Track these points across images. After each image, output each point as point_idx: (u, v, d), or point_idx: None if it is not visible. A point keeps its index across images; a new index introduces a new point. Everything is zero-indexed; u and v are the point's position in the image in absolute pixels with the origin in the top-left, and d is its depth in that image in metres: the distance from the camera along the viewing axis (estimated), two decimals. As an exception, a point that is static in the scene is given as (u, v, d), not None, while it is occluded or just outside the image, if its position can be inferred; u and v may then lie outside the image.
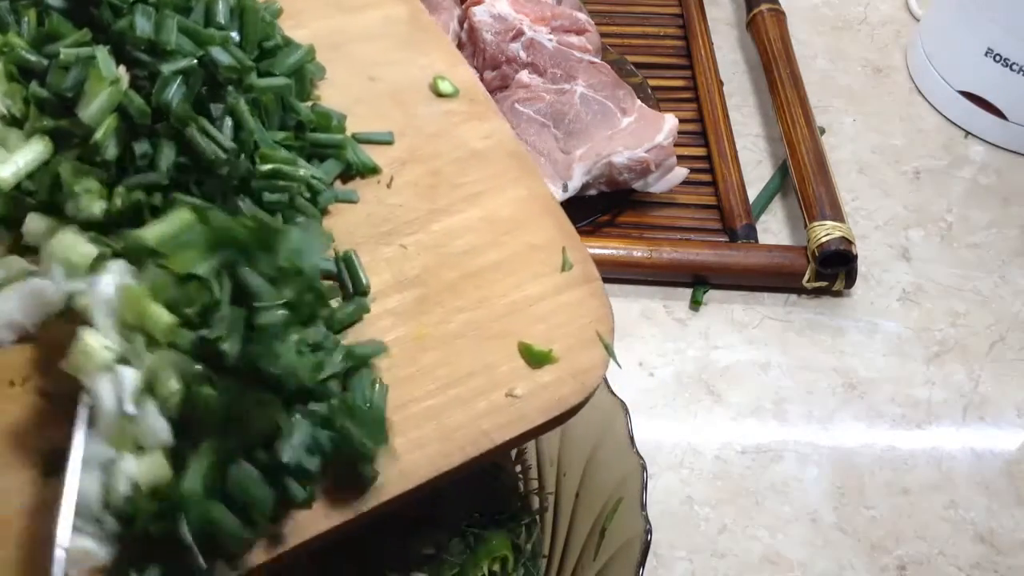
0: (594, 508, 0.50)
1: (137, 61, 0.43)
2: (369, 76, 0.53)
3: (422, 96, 0.53)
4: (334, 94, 0.51)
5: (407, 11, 0.57)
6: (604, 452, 0.51)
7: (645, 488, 0.46)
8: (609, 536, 0.48)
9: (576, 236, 0.50)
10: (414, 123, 0.51)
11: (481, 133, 0.52)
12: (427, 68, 0.54)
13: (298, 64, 0.48)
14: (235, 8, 0.46)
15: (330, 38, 0.53)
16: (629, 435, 0.49)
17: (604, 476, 0.50)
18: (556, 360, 0.45)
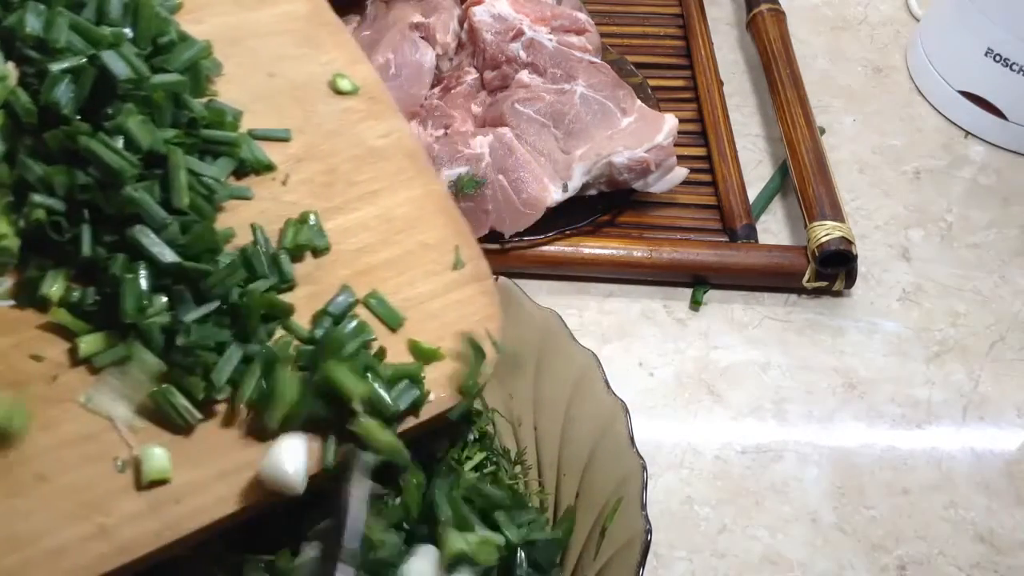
0: (594, 508, 0.50)
1: (27, 58, 0.42)
2: (268, 72, 0.52)
3: (321, 93, 0.52)
4: (232, 90, 0.50)
5: (308, 7, 0.56)
6: (604, 452, 0.51)
7: (645, 488, 0.46)
8: (609, 536, 0.48)
9: (470, 234, 0.50)
10: (312, 120, 0.51)
11: (379, 132, 0.52)
12: (328, 65, 0.54)
13: (193, 60, 0.47)
14: (129, 4, 0.46)
15: (229, 33, 0.52)
16: (629, 435, 0.49)
17: (604, 476, 0.50)
18: (444, 357, 0.45)
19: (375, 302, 0.46)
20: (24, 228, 0.41)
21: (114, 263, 0.41)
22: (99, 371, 0.41)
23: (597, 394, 0.52)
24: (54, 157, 0.42)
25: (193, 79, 0.47)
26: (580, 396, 0.53)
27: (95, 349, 0.41)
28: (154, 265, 0.41)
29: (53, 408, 0.40)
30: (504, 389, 0.58)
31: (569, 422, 0.54)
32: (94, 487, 0.39)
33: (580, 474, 0.52)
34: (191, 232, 0.42)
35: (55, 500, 0.38)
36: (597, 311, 0.73)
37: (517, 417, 0.57)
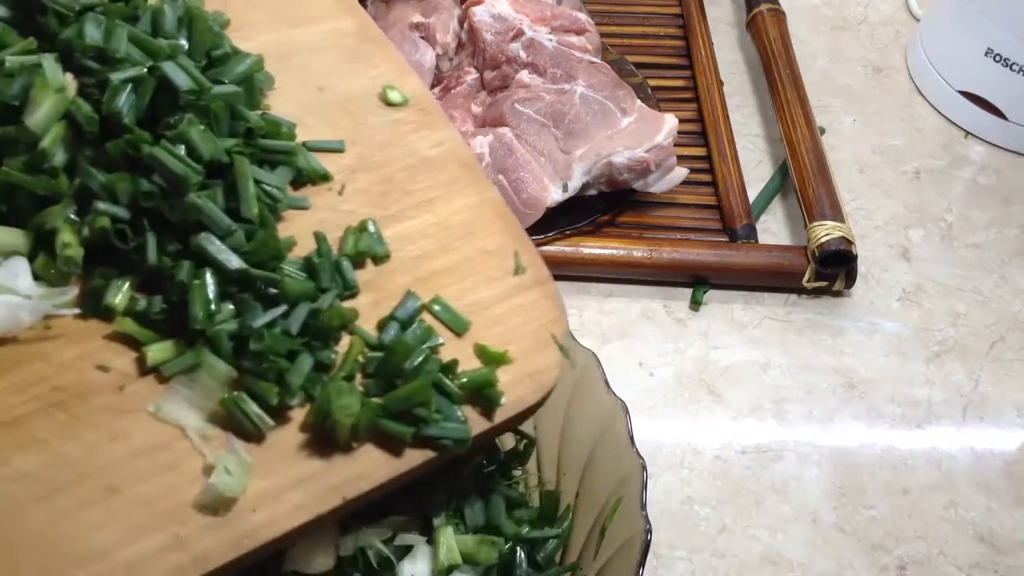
0: (594, 508, 0.50)
1: (86, 69, 0.43)
2: (318, 87, 0.52)
3: (372, 106, 0.53)
4: (284, 104, 0.50)
5: (355, 23, 0.56)
6: (604, 452, 0.51)
7: (645, 488, 0.46)
8: (609, 536, 0.48)
9: (528, 240, 0.50)
10: (364, 132, 0.51)
11: (432, 141, 0.52)
12: (376, 78, 0.54)
13: (247, 73, 0.47)
14: (183, 17, 0.46)
15: (278, 50, 0.53)
16: (629, 435, 0.49)
17: (604, 476, 0.50)
18: (511, 361, 0.45)
19: (439, 308, 0.46)
20: (88, 237, 0.41)
21: (180, 270, 0.40)
22: (168, 380, 0.40)
23: (597, 394, 0.52)
24: (116, 166, 0.42)
25: (248, 91, 0.47)
26: (580, 396, 0.53)
27: (163, 357, 0.40)
28: (220, 272, 0.41)
29: (122, 419, 0.39)
30: None
31: (569, 422, 0.54)
32: (168, 497, 0.38)
33: (580, 474, 0.52)
34: (255, 239, 0.42)
35: (128, 511, 0.38)
36: (597, 311, 0.73)
37: None
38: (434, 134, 0.52)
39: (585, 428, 0.52)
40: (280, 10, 0.55)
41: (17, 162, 0.41)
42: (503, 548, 0.49)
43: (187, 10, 0.46)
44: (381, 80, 0.54)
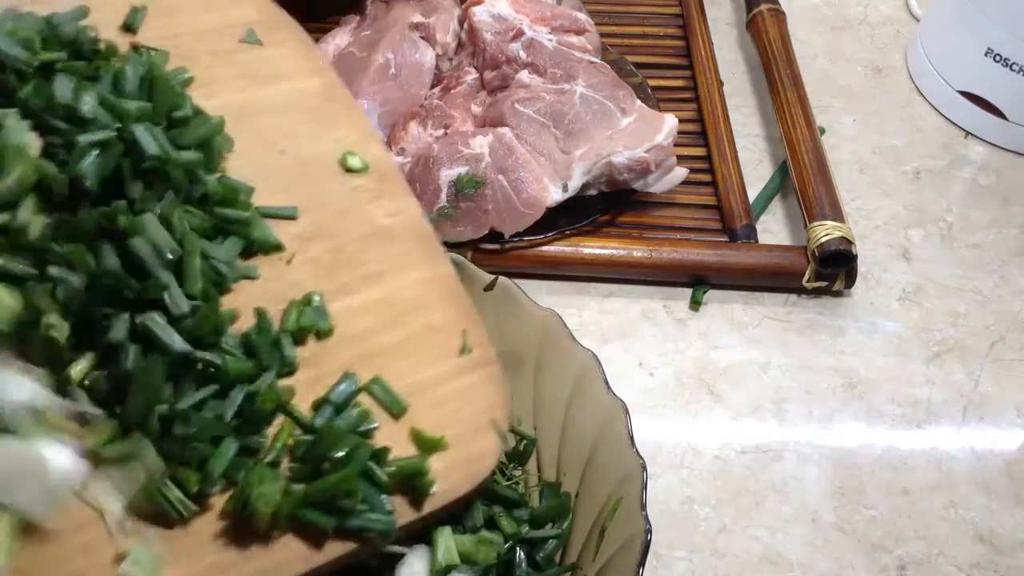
0: (594, 508, 0.50)
1: (51, 128, 0.42)
2: (279, 149, 0.51)
3: (330, 171, 0.51)
4: (243, 166, 0.49)
5: (321, 84, 0.55)
6: (604, 452, 0.51)
7: (645, 488, 0.46)
8: (609, 536, 0.48)
9: (478, 318, 0.49)
10: (321, 198, 0.50)
11: (388, 211, 0.51)
12: (339, 142, 0.53)
13: (207, 136, 0.47)
14: (145, 77, 0.45)
15: (241, 109, 0.51)
16: (629, 435, 0.49)
17: (604, 476, 0.50)
18: (447, 447, 0.44)
19: (378, 388, 0.45)
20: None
21: (127, 355, 0.39)
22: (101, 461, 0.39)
23: (597, 394, 0.52)
24: (79, 235, 0.41)
25: (207, 155, 0.46)
26: (580, 396, 0.53)
27: (102, 440, 0.39)
28: (164, 353, 0.40)
29: None
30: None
31: (569, 422, 0.54)
32: None
33: (580, 474, 0.52)
34: (196, 315, 0.41)
35: None
36: (597, 311, 0.73)
37: (517, 417, 0.57)
38: (392, 203, 0.51)
39: (585, 428, 0.52)
40: (247, 67, 0.54)
41: None
42: (502, 548, 0.49)
43: (149, 70, 0.46)
44: (344, 144, 0.52)
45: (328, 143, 0.53)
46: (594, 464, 0.51)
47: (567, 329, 0.54)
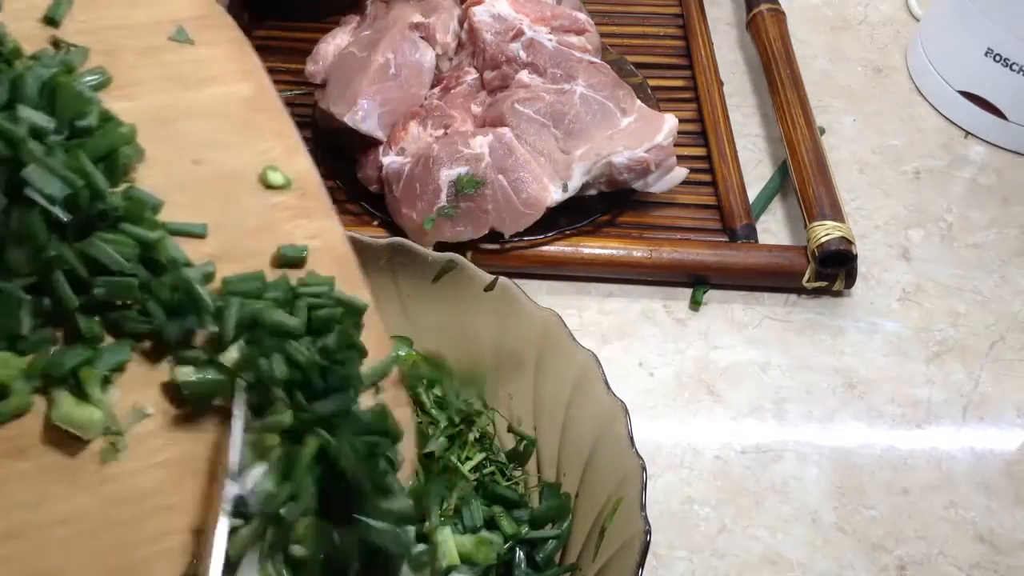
0: (594, 508, 0.50)
1: None
2: (194, 159, 0.48)
3: (249, 186, 0.48)
4: (154, 176, 0.46)
5: (251, 89, 0.51)
6: (604, 452, 0.51)
7: (645, 488, 0.46)
8: (608, 536, 0.48)
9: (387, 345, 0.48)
10: (235, 215, 0.47)
11: (308, 232, 0.48)
12: (262, 154, 0.49)
13: (112, 147, 0.43)
14: (47, 83, 0.42)
15: (161, 113, 0.48)
16: (629, 435, 0.49)
17: (604, 476, 0.50)
18: None
19: None
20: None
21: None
22: None
23: (597, 394, 0.52)
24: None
25: (109, 168, 0.43)
26: (580, 396, 0.53)
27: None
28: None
29: None
30: (504, 389, 0.58)
31: (569, 422, 0.54)
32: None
33: (580, 474, 0.52)
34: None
35: None
36: (597, 311, 0.73)
37: (517, 417, 0.57)
38: (312, 224, 0.48)
39: (585, 428, 0.52)
40: (174, 68, 0.50)
41: None
42: (502, 549, 0.49)
43: (53, 75, 0.43)
44: (267, 156, 0.49)
45: (250, 155, 0.49)
46: (594, 464, 0.51)
47: (567, 329, 0.54)
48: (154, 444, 0.40)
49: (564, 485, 0.54)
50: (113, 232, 0.41)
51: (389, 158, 0.74)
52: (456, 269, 0.57)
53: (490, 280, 0.56)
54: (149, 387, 0.41)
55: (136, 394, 0.41)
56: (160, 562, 0.38)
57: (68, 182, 0.40)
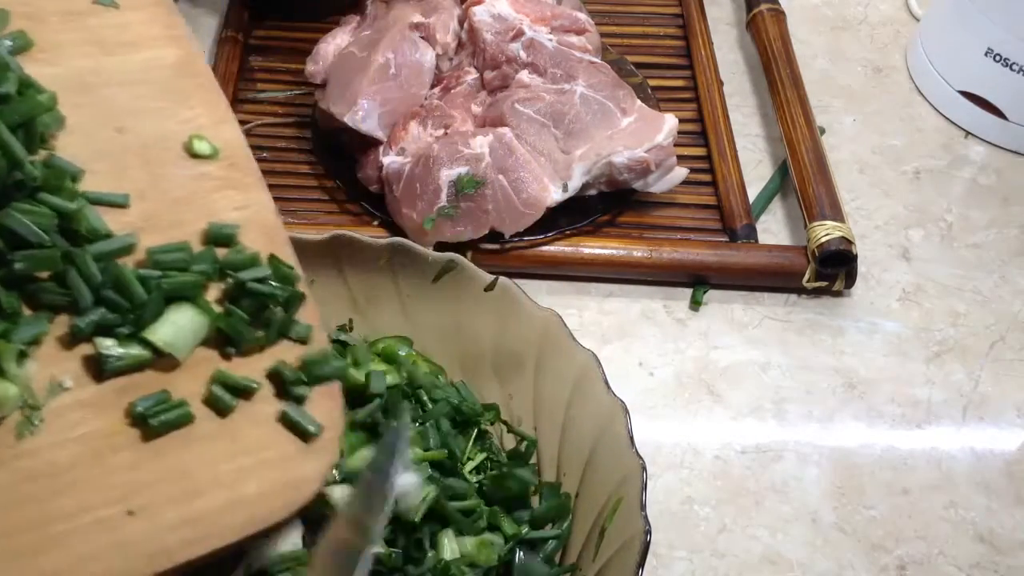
0: (594, 508, 0.50)
1: None
2: (117, 127, 0.46)
3: (174, 155, 0.47)
4: (74, 144, 0.44)
5: (177, 55, 0.50)
6: (604, 452, 0.51)
7: (645, 488, 0.46)
8: (609, 536, 0.48)
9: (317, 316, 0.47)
10: (159, 185, 0.46)
11: (235, 203, 0.47)
12: (188, 123, 0.48)
13: (31, 115, 0.42)
14: None
15: (83, 79, 0.47)
16: (629, 435, 0.49)
17: (604, 476, 0.50)
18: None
19: None
20: None
21: None
22: None
23: (597, 394, 0.52)
24: None
25: (27, 137, 0.42)
26: (580, 396, 0.53)
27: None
28: None
29: None
30: (504, 389, 0.58)
31: (569, 422, 0.54)
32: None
33: (580, 474, 0.52)
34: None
35: None
36: (597, 311, 0.73)
37: (517, 417, 0.57)
38: (240, 195, 0.47)
39: (585, 428, 0.52)
40: (97, 32, 0.49)
41: None
42: (503, 550, 0.49)
43: None
44: (193, 125, 0.48)
45: (175, 123, 0.48)
46: (594, 464, 0.52)
47: (567, 329, 0.54)
48: (72, 418, 0.39)
49: (564, 485, 0.54)
50: (30, 203, 0.40)
51: (389, 158, 0.74)
52: (456, 269, 0.57)
53: (490, 280, 0.56)
54: (68, 360, 0.40)
55: (54, 367, 0.40)
56: (76, 538, 0.37)
57: None
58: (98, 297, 0.41)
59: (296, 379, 0.44)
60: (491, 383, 0.58)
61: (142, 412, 0.40)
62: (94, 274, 0.41)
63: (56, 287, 0.41)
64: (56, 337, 0.41)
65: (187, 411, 0.41)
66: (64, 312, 0.41)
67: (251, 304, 0.44)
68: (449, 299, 0.58)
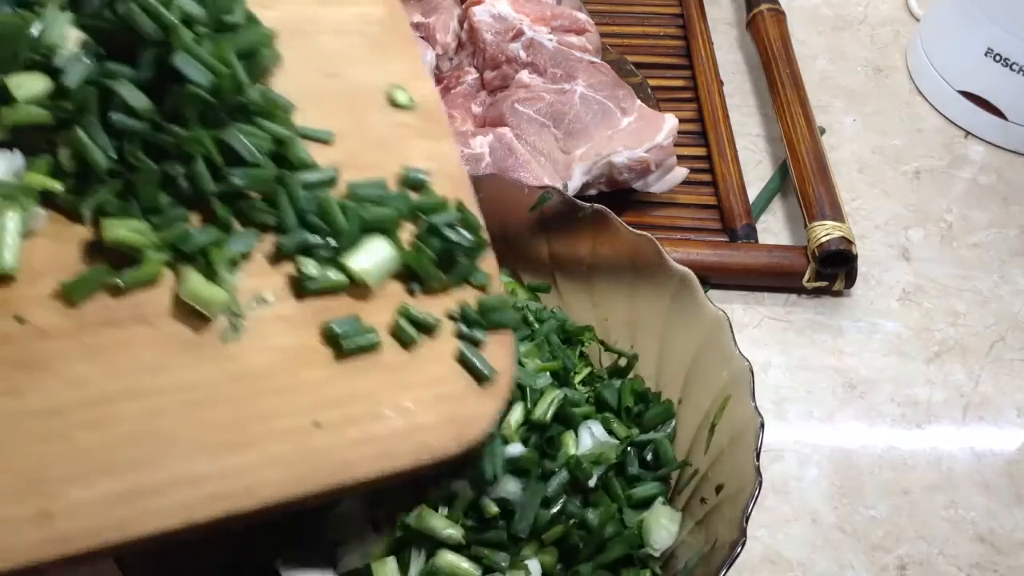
0: (699, 411, 0.54)
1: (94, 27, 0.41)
2: (327, 72, 0.50)
3: (376, 102, 0.50)
4: (286, 83, 0.48)
5: (385, 12, 0.54)
6: (706, 361, 0.55)
7: (753, 386, 0.52)
8: (719, 430, 0.52)
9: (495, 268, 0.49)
10: (360, 128, 0.49)
11: (426, 152, 0.50)
12: (390, 75, 0.51)
13: (253, 47, 0.45)
14: None
15: (298, 24, 0.50)
16: (734, 342, 0.54)
17: (708, 381, 0.54)
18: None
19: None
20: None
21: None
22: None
23: (697, 307, 0.55)
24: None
25: (251, 65, 0.45)
26: (679, 310, 0.57)
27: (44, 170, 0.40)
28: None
29: (22, 374, 0.37)
30: (599, 313, 0.61)
31: (668, 340, 0.57)
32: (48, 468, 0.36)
33: (681, 383, 0.56)
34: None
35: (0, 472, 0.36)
36: (597, 311, 0.73)
37: (613, 340, 0.61)
38: (431, 145, 0.50)
39: (686, 340, 0.56)
40: None
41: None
42: (618, 450, 0.52)
43: None
44: (395, 77, 0.51)
45: (379, 74, 0.51)
46: (697, 372, 0.55)
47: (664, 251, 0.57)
48: (271, 330, 0.42)
49: (665, 393, 0.57)
50: (249, 126, 0.43)
51: (389, 158, 0.74)
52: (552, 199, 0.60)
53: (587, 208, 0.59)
54: (271, 276, 0.43)
55: (259, 280, 0.43)
56: (268, 440, 0.39)
57: (214, 70, 0.41)
58: (302, 221, 0.44)
59: (476, 321, 0.46)
60: (586, 306, 0.61)
61: (336, 332, 0.42)
62: (301, 197, 0.43)
63: (266, 206, 0.43)
64: (262, 254, 0.43)
65: (375, 338, 0.43)
66: (270, 232, 0.43)
67: (438, 246, 0.46)
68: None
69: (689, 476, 0.53)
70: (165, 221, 0.41)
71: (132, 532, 0.36)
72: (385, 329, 0.44)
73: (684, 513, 0.52)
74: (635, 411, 0.56)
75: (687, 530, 0.51)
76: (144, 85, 0.41)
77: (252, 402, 0.40)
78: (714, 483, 0.51)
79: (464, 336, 0.46)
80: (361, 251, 0.45)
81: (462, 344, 0.46)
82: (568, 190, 0.72)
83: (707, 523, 0.50)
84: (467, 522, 0.47)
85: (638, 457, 0.54)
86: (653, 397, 0.57)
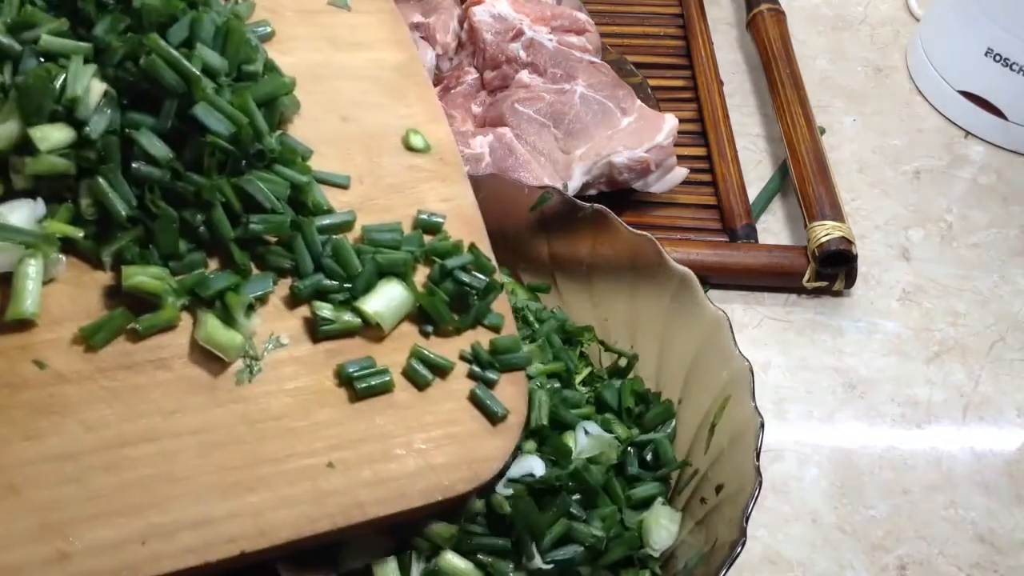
0: (699, 411, 0.54)
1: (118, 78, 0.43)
2: (343, 116, 0.51)
3: (391, 146, 0.51)
4: (303, 128, 0.49)
5: (400, 58, 0.55)
6: (706, 361, 0.55)
7: (753, 386, 0.51)
8: (719, 430, 0.52)
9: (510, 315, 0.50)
10: (376, 172, 0.50)
11: (441, 195, 0.51)
12: (405, 119, 0.53)
13: (273, 95, 0.46)
14: (221, 28, 0.45)
15: (314, 71, 0.52)
16: (734, 342, 0.53)
17: (708, 381, 0.55)
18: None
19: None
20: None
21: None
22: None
23: (697, 308, 0.55)
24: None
25: (270, 112, 0.46)
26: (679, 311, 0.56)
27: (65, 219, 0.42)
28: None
29: (42, 419, 0.39)
30: (599, 313, 0.61)
31: (668, 340, 0.57)
32: (64, 509, 0.37)
33: (681, 383, 0.56)
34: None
35: (20, 515, 0.37)
36: (597, 311, 0.73)
37: (613, 340, 0.60)
38: (445, 188, 0.51)
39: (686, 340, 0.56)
40: (329, 30, 0.54)
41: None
42: (619, 450, 0.52)
43: (226, 21, 0.45)
44: (409, 121, 0.52)
45: (394, 118, 0.52)
46: (697, 372, 0.55)
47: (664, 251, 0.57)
48: (286, 372, 0.43)
49: (665, 393, 0.57)
50: (267, 172, 0.44)
51: (389, 158, 0.74)
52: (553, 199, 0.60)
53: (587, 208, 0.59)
54: (287, 319, 0.44)
55: (275, 324, 0.44)
56: (280, 481, 0.40)
57: (234, 120, 0.43)
58: (318, 265, 0.45)
59: (490, 363, 0.47)
60: (586, 306, 0.61)
61: (350, 374, 0.44)
62: (317, 242, 0.45)
63: (283, 251, 0.45)
64: (278, 297, 0.45)
65: (389, 379, 0.44)
66: (287, 275, 0.45)
67: (452, 288, 0.47)
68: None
69: (689, 476, 0.53)
70: (184, 267, 0.42)
71: (146, 572, 0.37)
72: (399, 370, 0.45)
73: (684, 513, 0.52)
74: (635, 411, 0.56)
75: (687, 530, 0.51)
76: (164, 134, 0.42)
77: (266, 444, 0.41)
78: (714, 483, 0.51)
79: (477, 376, 0.47)
80: (375, 294, 0.46)
81: (475, 385, 0.46)
82: (568, 190, 0.72)
83: (707, 523, 0.50)
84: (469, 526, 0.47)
85: (638, 457, 0.54)
86: (653, 397, 0.57)
